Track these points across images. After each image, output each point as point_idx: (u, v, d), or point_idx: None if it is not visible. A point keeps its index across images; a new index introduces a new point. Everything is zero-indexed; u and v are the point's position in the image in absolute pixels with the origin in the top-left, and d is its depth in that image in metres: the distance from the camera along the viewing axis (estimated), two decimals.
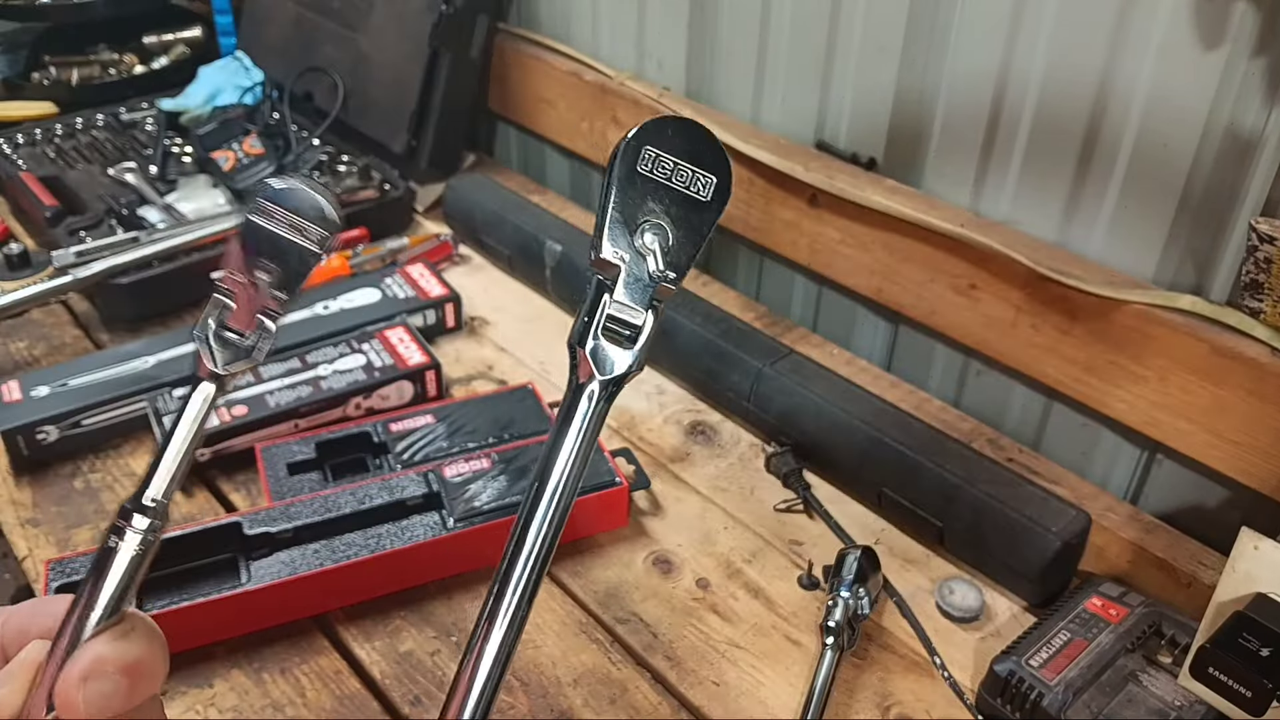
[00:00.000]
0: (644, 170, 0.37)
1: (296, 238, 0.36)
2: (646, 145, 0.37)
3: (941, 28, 0.87)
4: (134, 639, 0.36)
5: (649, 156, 0.37)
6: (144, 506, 0.36)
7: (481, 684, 0.35)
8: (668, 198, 0.37)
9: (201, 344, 0.37)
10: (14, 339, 1.04)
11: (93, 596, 0.35)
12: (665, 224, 0.37)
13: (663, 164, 0.37)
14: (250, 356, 0.37)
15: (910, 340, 1.02)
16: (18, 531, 0.81)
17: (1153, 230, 0.80)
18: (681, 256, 0.37)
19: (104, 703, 0.35)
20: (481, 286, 1.16)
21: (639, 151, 0.37)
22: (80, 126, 1.38)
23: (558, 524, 0.36)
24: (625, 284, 0.37)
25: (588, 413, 0.36)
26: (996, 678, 0.68)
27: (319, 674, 0.71)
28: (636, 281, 0.37)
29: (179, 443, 0.37)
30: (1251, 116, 0.71)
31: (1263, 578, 0.56)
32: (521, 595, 0.36)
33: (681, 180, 0.37)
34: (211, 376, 0.37)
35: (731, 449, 0.93)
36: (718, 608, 0.77)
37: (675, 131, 0.37)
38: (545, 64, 1.27)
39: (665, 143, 0.37)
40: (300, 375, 0.92)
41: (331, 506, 0.77)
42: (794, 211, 1.03)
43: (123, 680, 0.35)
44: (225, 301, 0.37)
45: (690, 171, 0.37)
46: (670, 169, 0.37)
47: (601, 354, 0.36)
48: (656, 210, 0.37)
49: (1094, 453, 0.90)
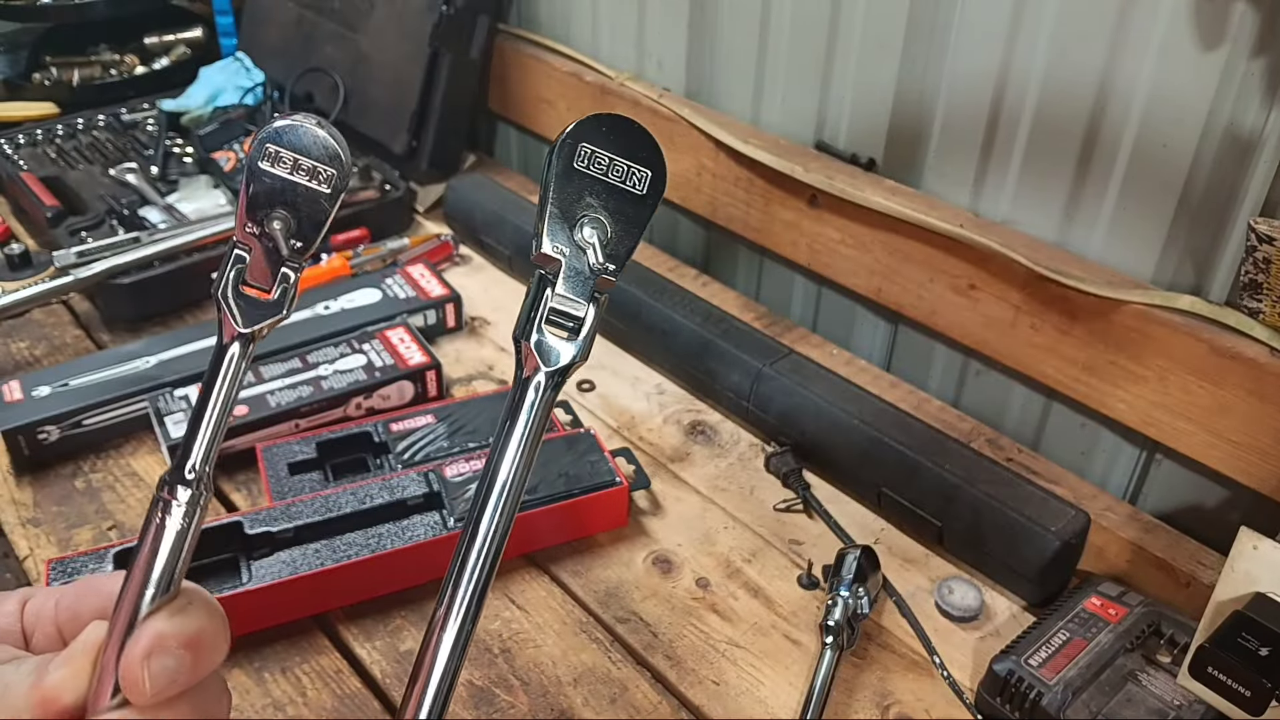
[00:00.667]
0: (580, 166, 0.37)
1: (305, 180, 0.34)
2: (582, 142, 0.37)
3: (941, 28, 0.88)
4: (193, 613, 0.36)
5: (585, 153, 0.37)
6: (185, 479, 0.35)
7: (438, 679, 0.36)
8: (605, 192, 0.38)
9: (221, 304, 0.35)
10: (15, 339, 1.04)
11: (146, 573, 0.35)
12: (603, 218, 0.38)
13: (599, 159, 0.37)
14: (276, 312, 0.36)
15: (910, 340, 1.02)
16: (19, 531, 0.81)
17: (1152, 230, 0.80)
18: (620, 249, 0.38)
19: (169, 679, 0.34)
20: (482, 286, 1.16)
21: (575, 148, 0.37)
22: (81, 127, 1.38)
23: (509, 515, 0.37)
24: (566, 277, 0.38)
25: (534, 404, 0.37)
26: (996, 677, 0.68)
27: (319, 673, 0.71)
28: (577, 275, 0.38)
29: (213, 409, 0.35)
30: (1251, 116, 0.71)
31: (1262, 577, 0.56)
32: (474, 588, 0.36)
33: (617, 175, 0.38)
34: (237, 337, 0.36)
35: (731, 449, 0.93)
36: (717, 607, 0.77)
37: (610, 128, 0.38)
38: (545, 64, 1.27)
39: (600, 139, 0.37)
40: (301, 375, 0.92)
41: (332, 506, 0.77)
42: (794, 212, 1.03)
43: (186, 655, 0.35)
44: (242, 256, 0.35)
45: (625, 166, 0.38)
46: (606, 164, 0.38)
47: (545, 346, 0.37)
48: (594, 205, 0.38)
49: (1093, 453, 0.90)
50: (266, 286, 0.36)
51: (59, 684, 0.35)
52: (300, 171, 0.35)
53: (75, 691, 0.35)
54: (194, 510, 0.35)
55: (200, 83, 1.42)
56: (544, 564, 0.80)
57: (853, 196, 0.95)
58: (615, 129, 0.38)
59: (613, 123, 0.38)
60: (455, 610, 0.36)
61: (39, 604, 0.40)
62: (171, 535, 0.35)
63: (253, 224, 0.35)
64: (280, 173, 0.34)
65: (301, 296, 1.04)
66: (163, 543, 0.35)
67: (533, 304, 0.38)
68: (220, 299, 0.36)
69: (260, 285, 0.36)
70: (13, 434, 0.85)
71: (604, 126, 0.38)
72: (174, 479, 0.35)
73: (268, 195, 0.35)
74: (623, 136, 0.38)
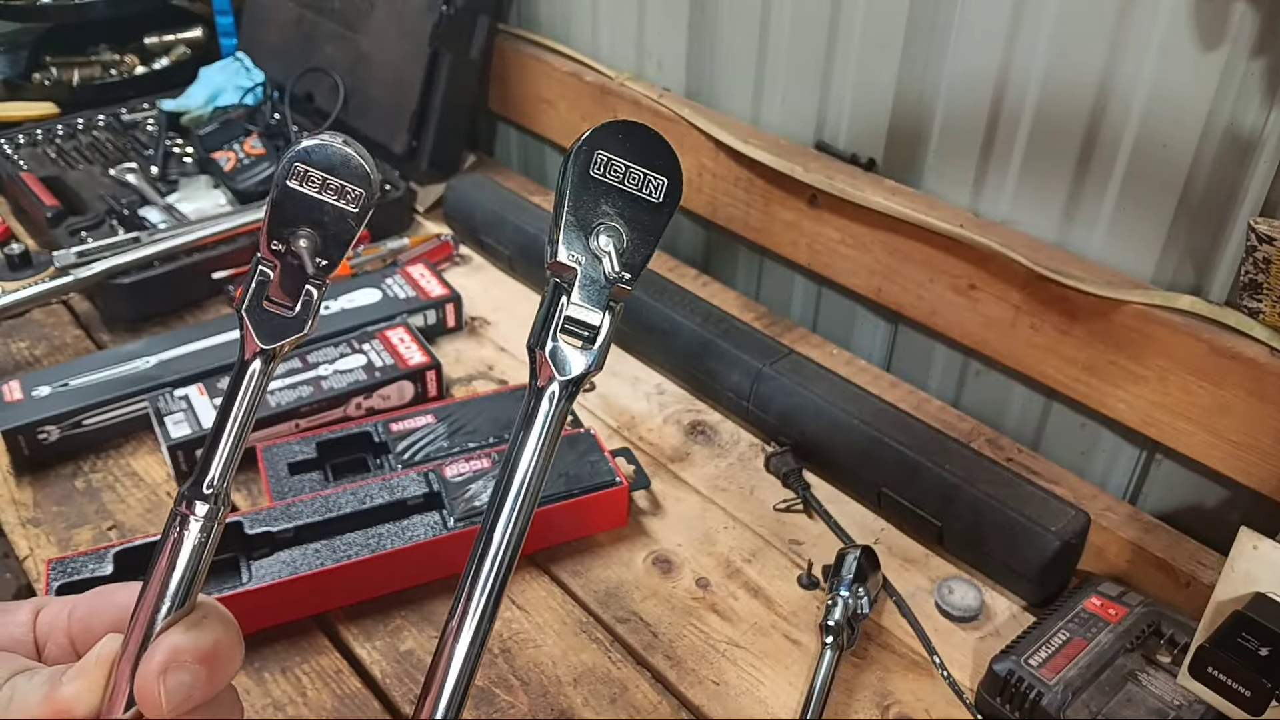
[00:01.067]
0: (597, 174, 0.37)
1: (334, 200, 0.35)
2: (599, 150, 0.37)
3: (941, 28, 0.88)
4: (208, 627, 0.36)
5: (601, 160, 0.37)
6: (203, 494, 0.35)
7: (452, 686, 0.36)
8: (621, 200, 0.37)
9: (245, 320, 0.36)
10: (15, 339, 1.04)
11: (161, 587, 0.35)
12: (619, 226, 0.37)
13: (615, 167, 0.37)
14: (299, 329, 0.36)
15: (910, 340, 1.02)
16: (19, 531, 0.81)
17: (1152, 230, 0.80)
18: (636, 258, 0.38)
19: (185, 694, 0.34)
20: (482, 286, 1.16)
21: (591, 156, 0.37)
22: (81, 127, 1.38)
23: (523, 524, 0.37)
24: (581, 286, 0.37)
25: (549, 414, 0.37)
26: (996, 677, 0.68)
27: (319, 673, 0.71)
28: (592, 283, 0.37)
29: (232, 425, 0.36)
30: (1251, 116, 0.71)
31: (1262, 577, 0.56)
32: (489, 597, 0.36)
33: (634, 183, 0.37)
34: (259, 353, 0.36)
35: (731, 449, 0.93)
36: (717, 607, 0.77)
37: (626, 135, 0.37)
38: (545, 64, 1.27)
39: (616, 146, 0.37)
40: (301, 375, 0.92)
41: (332, 506, 0.77)
42: (794, 212, 1.03)
43: (201, 670, 0.35)
44: (266, 273, 0.35)
45: (642, 174, 0.37)
46: (622, 172, 0.37)
47: (560, 356, 0.37)
48: (610, 213, 0.37)
49: (1093, 453, 0.90)
50: (289, 303, 0.36)
51: (72, 696, 0.35)
52: (329, 190, 0.35)
53: (89, 704, 0.35)
54: (211, 525, 0.35)
55: (200, 83, 1.42)
56: (544, 564, 0.80)
57: (853, 196, 0.95)
58: (631, 136, 0.37)
59: (629, 129, 0.37)
60: (470, 618, 0.36)
61: (52, 614, 0.40)
62: (188, 550, 0.35)
63: (278, 241, 0.35)
64: (309, 191, 0.35)
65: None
66: (179, 557, 0.35)
67: (548, 312, 0.37)
68: (243, 315, 0.36)
69: (283, 302, 0.36)
70: (13, 434, 0.85)
71: (620, 133, 0.37)
72: (192, 494, 0.35)
73: (294, 213, 0.35)
74: (639, 143, 0.37)
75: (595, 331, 0.37)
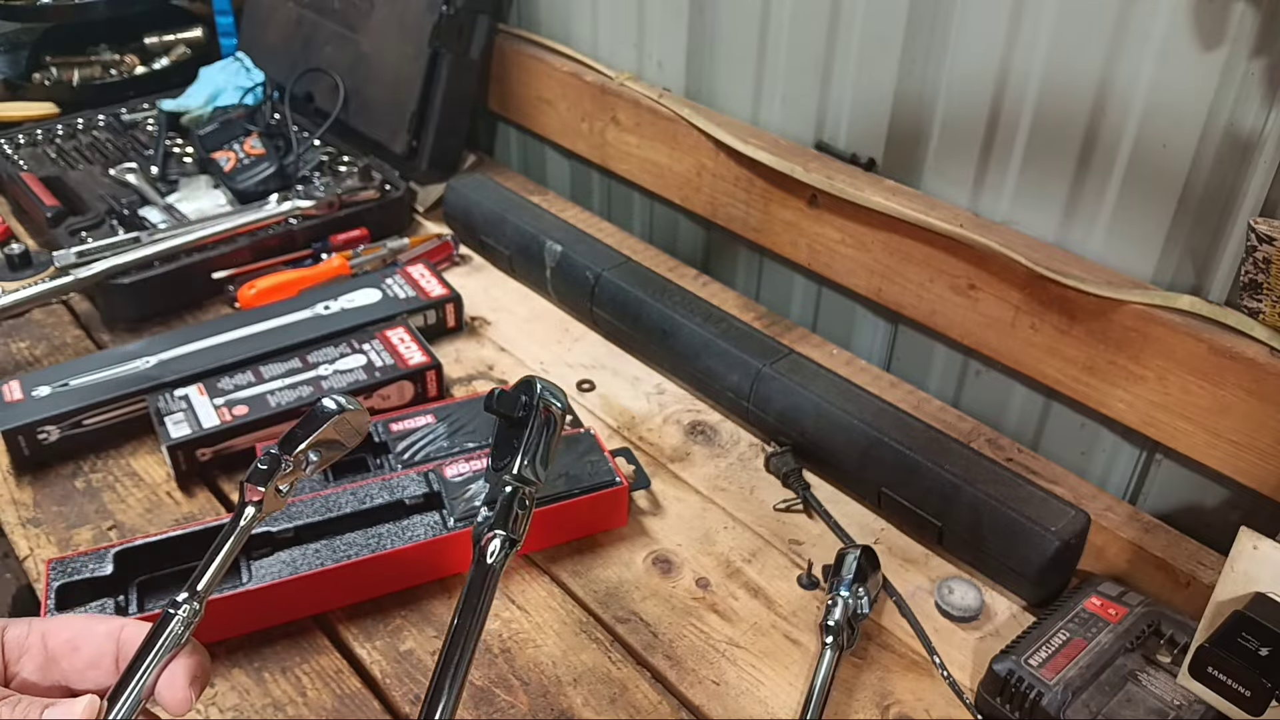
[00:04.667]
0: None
1: (344, 440, 0.56)
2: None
3: (941, 28, 0.88)
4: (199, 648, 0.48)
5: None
6: (190, 597, 0.49)
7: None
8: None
9: (251, 483, 0.53)
10: (15, 339, 1.04)
11: (144, 662, 0.47)
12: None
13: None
14: (282, 497, 0.54)
15: (910, 340, 1.03)
16: (19, 531, 0.81)
17: (1152, 230, 0.80)
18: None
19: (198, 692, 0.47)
20: (482, 287, 1.16)
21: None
22: (81, 127, 1.39)
23: (463, 677, 0.51)
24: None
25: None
26: (996, 677, 0.68)
27: (319, 673, 0.71)
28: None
29: (224, 552, 0.52)
30: (1251, 117, 0.71)
31: (1262, 577, 0.56)
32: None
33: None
34: (256, 503, 0.53)
35: (731, 449, 0.93)
36: (717, 607, 0.77)
37: (519, 390, 0.61)
38: (545, 64, 1.27)
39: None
40: (301, 375, 0.92)
41: (332, 506, 0.77)
42: (794, 212, 1.03)
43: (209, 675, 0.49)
44: (281, 458, 0.53)
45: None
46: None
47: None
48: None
49: (1093, 452, 0.90)
50: (283, 487, 0.54)
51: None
52: (343, 434, 0.56)
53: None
54: (191, 620, 0.48)
55: (200, 83, 1.42)
56: (544, 564, 0.80)
57: (853, 196, 0.95)
58: (519, 389, 0.61)
59: (516, 387, 0.61)
60: None
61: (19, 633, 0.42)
62: (166, 640, 0.48)
63: (298, 451, 0.54)
64: (335, 437, 0.55)
65: (302, 296, 1.04)
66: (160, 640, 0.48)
67: (504, 510, 0.58)
68: (244, 486, 0.53)
69: (280, 487, 0.54)
70: (13, 434, 0.85)
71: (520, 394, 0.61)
72: (187, 598, 0.49)
73: (316, 442, 0.54)
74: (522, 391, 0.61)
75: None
